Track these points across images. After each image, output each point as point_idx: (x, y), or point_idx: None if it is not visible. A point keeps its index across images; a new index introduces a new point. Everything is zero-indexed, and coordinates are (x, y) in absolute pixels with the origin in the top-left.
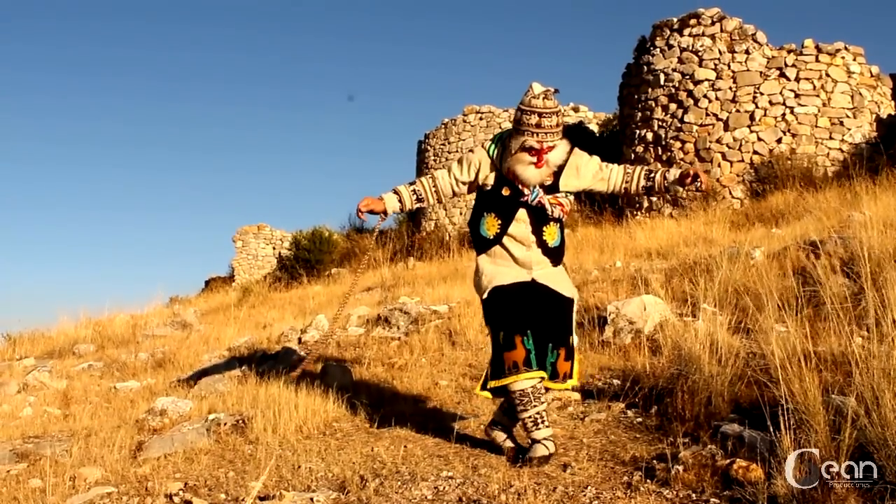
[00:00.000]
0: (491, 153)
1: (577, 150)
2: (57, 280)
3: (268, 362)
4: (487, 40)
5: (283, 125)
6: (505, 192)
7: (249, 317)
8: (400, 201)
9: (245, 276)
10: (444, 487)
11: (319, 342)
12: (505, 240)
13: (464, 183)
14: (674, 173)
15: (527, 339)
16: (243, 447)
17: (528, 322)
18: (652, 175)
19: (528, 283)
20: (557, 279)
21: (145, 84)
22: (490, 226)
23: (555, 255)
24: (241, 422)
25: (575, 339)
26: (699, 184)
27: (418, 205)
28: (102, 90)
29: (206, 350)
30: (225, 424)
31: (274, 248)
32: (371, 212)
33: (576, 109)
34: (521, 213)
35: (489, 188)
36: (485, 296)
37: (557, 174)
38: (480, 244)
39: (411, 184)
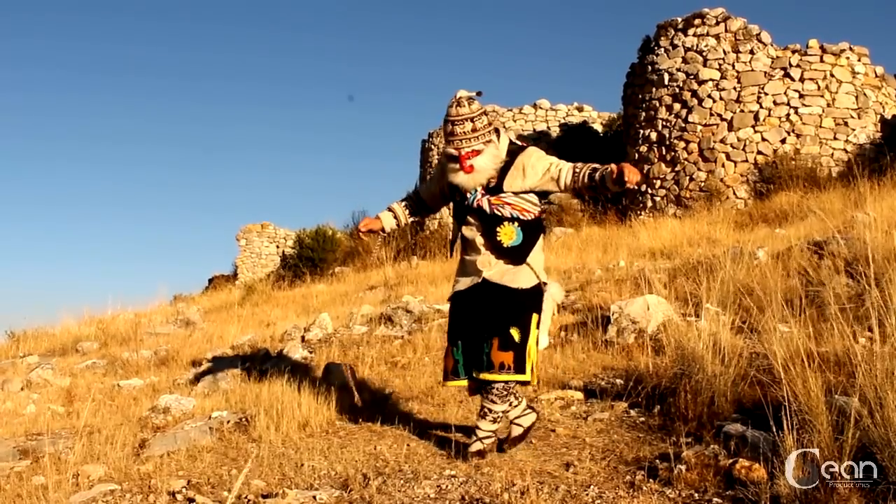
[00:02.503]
0: (443, 164)
1: (529, 149)
2: (60, 278)
3: (271, 360)
4: (491, 39)
5: (287, 124)
6: (457, 197)
7: (253, 315)
8: (395, 217)
9: (248, 275)
10: (447, 486)
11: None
12: (463, 243)
13: (434, 193)
14: (609, 171)
15: (456, 350)
16: (246, 445)
17: (463, 332)
18: (594, 174)
19: (479, 284)
20: (510, 274)
21: (148, 82)
22: (454, 230)
23: (513, 254)
24: (244, 420)
25: (535, 337)
26: (624, 182)
27: (413, 218)
28: (106, 88)
29: (210, 348)
30: (228, 422)
31: (277, 247)
32: (370, 231)
33: (580, 109)
34: (471, 217)
35: (453, 198)
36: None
37: (502, 175)
38: (451, 249)
39: (403, 199)
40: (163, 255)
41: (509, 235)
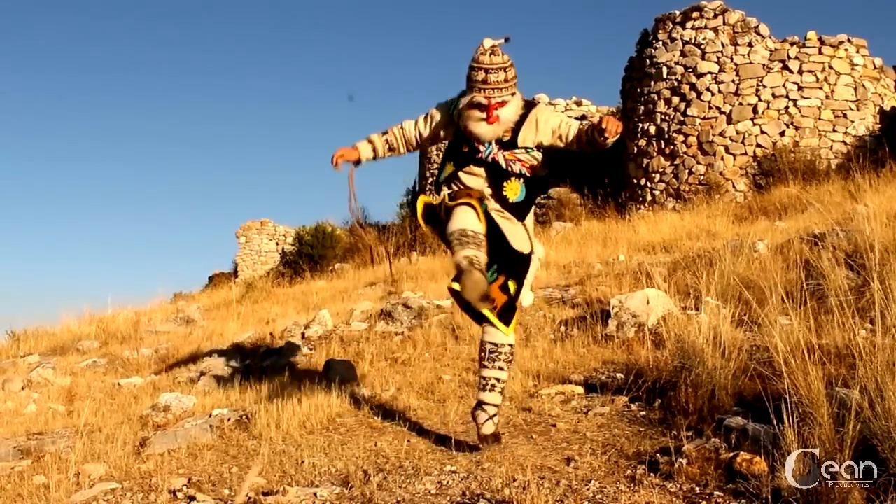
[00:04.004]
0: (451, 109)
1: (542, 105)
2: (61, 277)
3: (271, 357)
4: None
5: (286, 121)
6: (464, 148)
7: (253, 312)
8: (374, 150)
9: (248, 272)
10: (448, 482)
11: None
12: (457, 184)
13: (423, 136)
14: (596, 123)
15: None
16: (247, 442)
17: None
18: (590, 129)
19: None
20: (513, 231)
21: (147, 80)
22: (446, 171)
23: (517, 210)
24: (244, 417)
25: (525, 296)
26: (604, 132)
27: (390, 154)
28: (105, 87)
29: (210, 346)
30: (228, 420)
31: (277, 244)
32: (348, 161)
33: (578, 103)
34: (476, 168)
35: (451, 144)
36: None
37: (516, 130)
38: (437, 187)
39: (384, 133)
40: (163, 254)
41: (514, 191)
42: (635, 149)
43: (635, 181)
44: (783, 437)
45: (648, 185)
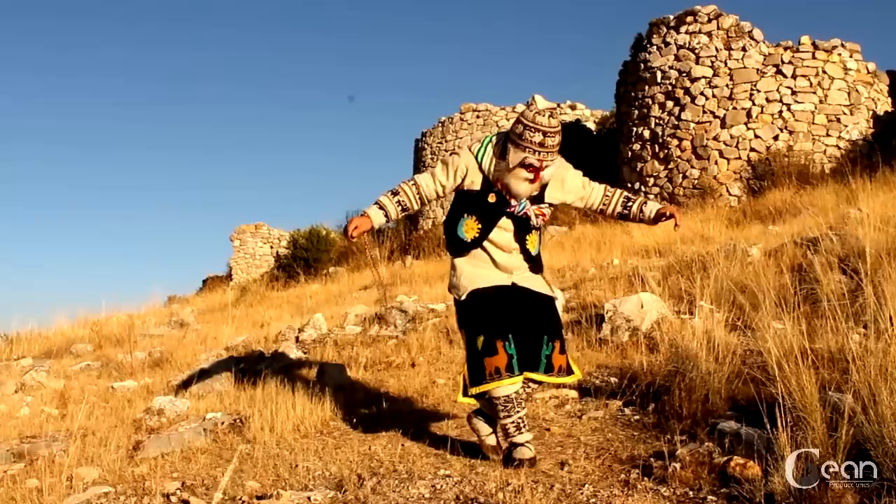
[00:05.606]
0: (479, 159)
1: (564, 161)
2: (54, 280)
3: (265, 361)
4: (485, 39)
5: (282, 124)
6: (491, 198)
7: (247, 316)
8: (386, 215)
9: (243, 276)
10: (442, 486)
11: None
12: (485, 244)
13: (447, 188)
14: (650, 209)
15: (508, 344)
16: (240, 446)
17: (510, 326)
18: (629, 204)
19: (508, 286)
20: (538, 283)
21: (142, 83)
22: (469, 229)
23: (535, 261)
24: (238, 421)
25: None
26: (675, 226)
27: (403, 214)
28: (99, 90)
29: (204, 349)
30: (222, 424)
31: (272, 247)
32: (362, 233)
33: (573, 107)
34: (505, 222)
35: (473, 192)
36: (462, 297)
37: (544, 186)
38: (457, 246)
39: (395, 193)
40: (157, 257)
41: (534, 244)
42: (629, 153)
43: (629, 185)
44: (777, 441)
45: (643, 188)
